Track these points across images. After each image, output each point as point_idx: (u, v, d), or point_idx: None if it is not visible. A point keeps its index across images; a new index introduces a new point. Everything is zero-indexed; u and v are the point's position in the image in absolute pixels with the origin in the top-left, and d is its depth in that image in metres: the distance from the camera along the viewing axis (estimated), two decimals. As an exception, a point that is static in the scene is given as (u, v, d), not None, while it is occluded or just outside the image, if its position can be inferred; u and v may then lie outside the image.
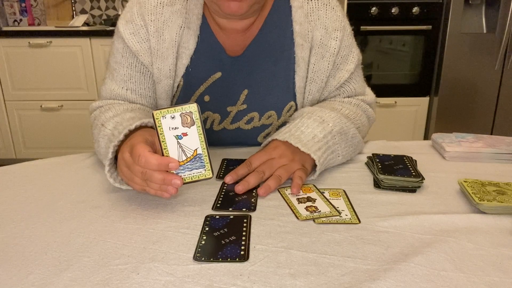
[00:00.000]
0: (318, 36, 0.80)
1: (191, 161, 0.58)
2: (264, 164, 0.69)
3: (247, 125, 0.86)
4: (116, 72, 0.81)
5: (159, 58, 0.78)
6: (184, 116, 0.56)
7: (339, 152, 0.75)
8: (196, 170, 0.58)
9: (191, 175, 0.58)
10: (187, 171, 0.58)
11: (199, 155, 0.57)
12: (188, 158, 0.57)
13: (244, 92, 0.83)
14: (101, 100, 0.84)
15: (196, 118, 0.56)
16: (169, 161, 0.56)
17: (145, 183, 0.58)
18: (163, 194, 0.58)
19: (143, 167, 0.56)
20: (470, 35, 2.33)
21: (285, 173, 0.68)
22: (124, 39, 0.78)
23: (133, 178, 0.58)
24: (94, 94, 2.55)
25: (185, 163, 0.58)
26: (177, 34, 0.77)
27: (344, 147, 0.76)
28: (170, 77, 0.80)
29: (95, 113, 0.81)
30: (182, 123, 0.56)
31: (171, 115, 0.56)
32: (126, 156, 0.59)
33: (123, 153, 0.60)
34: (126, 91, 0.81)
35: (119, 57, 0.80)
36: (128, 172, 0.59)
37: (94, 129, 0.77)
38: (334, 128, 0.74)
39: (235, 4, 0.69)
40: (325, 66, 0.82)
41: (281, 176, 0.67)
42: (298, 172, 0.68)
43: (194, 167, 0.58)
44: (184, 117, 0.56)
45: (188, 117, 0.56)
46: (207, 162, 0.58)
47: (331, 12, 0.80)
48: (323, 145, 0.71)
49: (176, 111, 0.56)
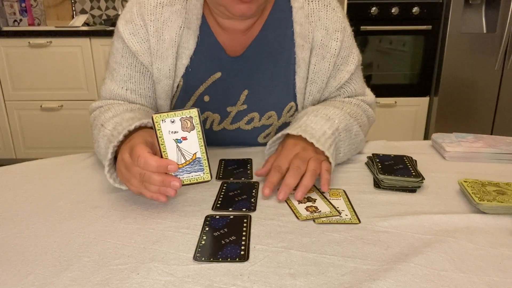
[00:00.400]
0: (319, 37, 0.80)
1: (190, 164, 0.58)
2: (295, 160, 0.66)
3: (247, 126, 0.86)
4: (115, 72, 0.81)
5: (159, 58, 0.78)
6: (184, 120, 0.56)
7: (341, 149, 0.74)
8: (195, 173, 0.58)
9: (189, 177, 0.58)
10: (186, 173, 0.58)
11: (198, 158, 0.57)
12: (187, 161, 0.57)
13: (244, 93, 0.83)
14: (101, 100, 0.84)
15: (196, 123, 0.56)
16: (168, 163, 0.56)
17: (142, 186, 0.58)
18: (160, 197, 0.58)
19: (142, 168, 0.56)
20: (470, 35, 2.33)
21: (317, 165, 0.66)
22: (123, 39, 0.78)
23: (130, 179, 0.58)
24: (94, 94, 2.55)
25: (184, 166, 0.58)
26: (177, 34, 0.77)
27: (347, 144, 0.76)
28: (170, 77, 0.80)
29: (95, 113, 0.81)
30: (182, 128, 0.56)
31: (171, 119, 0.55)
32: (126, 157, 0.59)
33: (123, 154, 0.60)
34: (125, 91, 0.81)
35: (118, 57, 0.80)
36: (126, 173, 0.59)
37: (94, 130, 0.77)
38: (340, 125, 0.74)
39: (244, 6, 0.70)
40: (325, 67, 0.82)
41: (316, 169, 0.65)
42: (324, 164, 0.67)
43: (193, 170, 0.58)
44: (184, 121, 0.56)
45: (188, 122, 0.56)
46: (206, 166, 0.58)
47: (332, 13, 0.80)
48: (332, 142, 0.71)
49: (176, 116, 0.55)
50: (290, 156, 0.68)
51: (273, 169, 0.66)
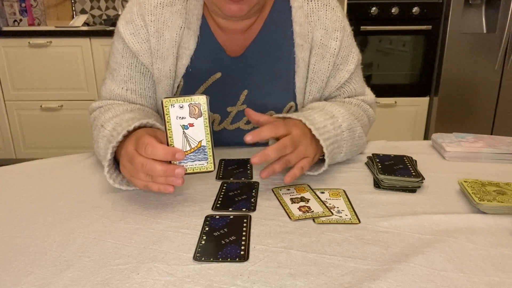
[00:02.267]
0: (318, 37, 0.80)
1: (195, 152, 0.58)
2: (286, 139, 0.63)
3: (246, 126, 0.85)
4: (116, 72, 0.81)
5: (159, 58, 0.78)
6: (193, 107, 0.56)
7: (343, 149, 0.74)
8: (199, 162, 0.58)
9: (192, 166, 0.58)
10: (190, 161, 0.58)
11: (203, 147, 0.58)
12: (192, 149, 0.58)
13: (244, 93, 0.83)
14: (101, 100, 0.84)
15: (204, 110, 0.56)
16: (175, 151, 0.56)
17: (148, 178, 0.57)
18: (167, 188, 0.57)
19: (149, 156, 0.55)
20: (470, 35, 2.33)
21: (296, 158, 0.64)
22: (124, 40, 0.78)
23: (137, 173, 0.58)
24: (94, 94, 2.55)
25: (189, 153, 0.58)
26: (177, 34, 0.77)
27: (350, 145, 0.75)
28: (170, 78, 0.80)
29: (95, 113, 0.81)
30: (190, 114, 0.56)
31: (180, 105, 0.56)
32: (130, 149, 0.58)
33: (127, 147, 0.59)
34: (126, 91, 0.81)
35: (119, 58, 0.80)
36: (130, 167, 0.59)
37: (94, 130, 0.76)
38: (343, 124, 0.74)
39: (235, 6, 0.69)
40: (325, 66, 0.82)
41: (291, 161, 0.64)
42: (303, 161, 0.65)
43: (196, 159, 0.58)
44: (192, 107, 0.56)
45: (196, 108, 0.56)
46: (210, 155, 0.58)
47: (331, 12, 0.80)
48: (332, 136, 0.70)
49: (185, 101, 0.56)
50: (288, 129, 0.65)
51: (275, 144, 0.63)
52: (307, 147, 0.66)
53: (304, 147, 0.65)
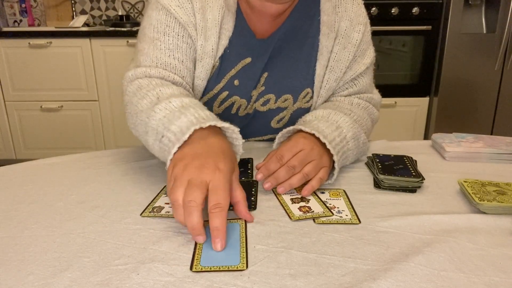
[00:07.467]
0: (343, 27, 0.83)
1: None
2: (296, 157, 0.65)
3: (262, 107, 0.86)
4: (159, 42, 0.77)
5: (203, 35, 0.78)
6: None
7: (349, 158, 0.75)
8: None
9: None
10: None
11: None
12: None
13: (264, 75, 0.84)
14: (140, 67, 0.76)
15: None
16: (199, 234, 0.51)
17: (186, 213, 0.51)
18: (195, 238, 0.52)
19: (201, 198, 0.51)
20: (470, 35, 2.33)
21: (313, 170, 0.65)
22: (169, 10, 0.76)
23: (180, 195, 0.52)
24: (94, 94, 2.55)
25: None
26: (219, 14, 0.77)
27: (355, 153, 0.77)
28: (212, 57, 0.80)
29: (141, 81, 0.73)
30: None
31: None
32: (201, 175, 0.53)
33: (216, 163, 0.55)
34: (173, 59, 0.77)
35: (162, 27, 0.77)
36: (181, 182, 0.53)
37: (144, 99, 0.69)
38: (348, 134, 0.74)
39: None
40: (346, 56, 0.84)
41: (309, 174, 0.65)
42: (321, 172, 0.66)
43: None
44: None
45: None
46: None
47: (357, 6, 0.84)
48: (340, 148, 0.71)
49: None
50: (294, 150, 0.67)
51: (274, 157, 0.66)
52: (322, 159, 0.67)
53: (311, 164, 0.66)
